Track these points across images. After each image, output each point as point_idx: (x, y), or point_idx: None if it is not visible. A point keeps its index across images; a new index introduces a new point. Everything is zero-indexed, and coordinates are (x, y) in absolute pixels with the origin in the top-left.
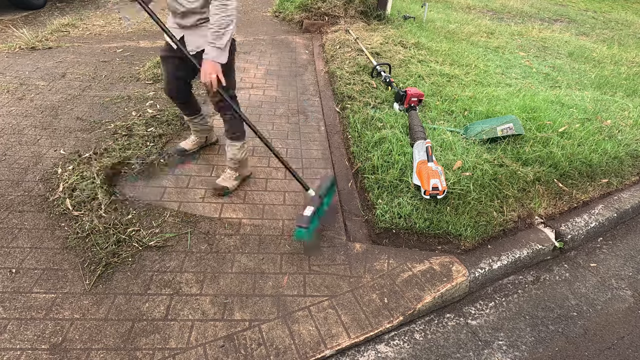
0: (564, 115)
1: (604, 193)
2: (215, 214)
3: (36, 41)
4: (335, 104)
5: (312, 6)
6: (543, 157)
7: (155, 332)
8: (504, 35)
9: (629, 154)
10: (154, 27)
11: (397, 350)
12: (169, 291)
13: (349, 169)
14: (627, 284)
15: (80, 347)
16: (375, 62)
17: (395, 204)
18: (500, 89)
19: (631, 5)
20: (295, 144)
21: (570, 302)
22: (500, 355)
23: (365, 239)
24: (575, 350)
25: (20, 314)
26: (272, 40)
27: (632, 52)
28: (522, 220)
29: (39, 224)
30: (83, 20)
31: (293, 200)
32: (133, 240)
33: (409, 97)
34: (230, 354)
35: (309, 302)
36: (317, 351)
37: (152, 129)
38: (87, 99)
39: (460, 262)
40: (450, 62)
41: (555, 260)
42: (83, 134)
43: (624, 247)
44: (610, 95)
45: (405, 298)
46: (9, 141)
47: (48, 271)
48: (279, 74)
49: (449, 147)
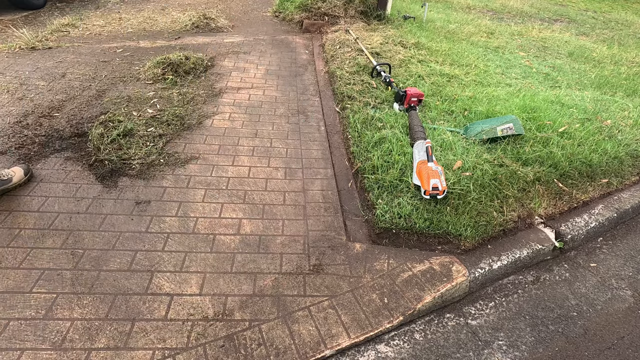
0: (564, 115)
1: (604, 193)
2: (215, 213)
3: (36, 41)
4: (335, 104)
5: (312, 6)
6: (543, 157)
7: (155, 331)
8: (504, 35)
9: (629, 154)
10: (153, 27)
11: (397, 350)
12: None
13: (349, 169)
14: (627, 284)
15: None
16: (375, 62)
17: (395, 204)
18: (500, 89)
19: (631, 5)
20: (295, 144)
21: (570, 302)
22: (500, 355)
23: (365, 239)
24: (575, 350)
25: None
26: (272, 40)
27: (632, 52)
28: (522, 220)
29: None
30: (83, 20)
31: (293, 200)
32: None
33: (408, 97)
34: (230, 354)
35: (309, 302)
36: (317, 351)
37: (152, 129)
38: (86, 99)
39: (460, 262)
40: (450, 62)
41: (555, 260)
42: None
43: (624, 247)
44: (610, 95)
45: (405, 298)
46: (9, 141)
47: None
48: (279, 74)
49: (449, 147)
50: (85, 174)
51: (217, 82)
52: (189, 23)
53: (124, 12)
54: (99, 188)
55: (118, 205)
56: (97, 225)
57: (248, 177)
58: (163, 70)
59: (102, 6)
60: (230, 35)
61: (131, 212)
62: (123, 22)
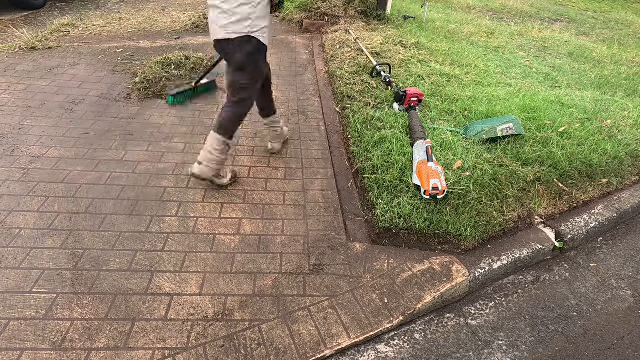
0: (564, 115)
1: (604, 193)
2: (215, 213)
3: (36, 41)
4: (335, 104)
5: (312, 6)
6: (543, 157)
7: (155, 331)
8: (504, 35)
9: (629, 154)
10: (153, 27)
11: (397, 350)
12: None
13: (349, 169)
14: (627, 284)
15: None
16: (375, 62)
17: (395, 204)
18: (500, 89)
19: (631, 5)
20: (295, 144)
21: (570, 302)
22: (500, 355)
23: (365, 239)
24: (575, 350)
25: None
26: (272, 40)
27: (632, 52)
28: (522, 220)
29: None
30: (83, 20)
31: (293, 200)
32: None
33: (408, 97)
34: (230, 354)
35: (309, 302)
36: (317, 351)
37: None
38: (87, 99)
39: (460, 262)
40: (450, 62)
41: (555, 260)
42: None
43: (624, 247)
44: (610, 95)
45: (405, 298)
46: (9, 142)
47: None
48: (279, 74)
49: (449, 147)
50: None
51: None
52: (189, 23)
53: (124, 12)
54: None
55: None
56: (97, 226)
57: (248, 177)
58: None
59: (102, 6)
60: None
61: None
62: (123, 22)
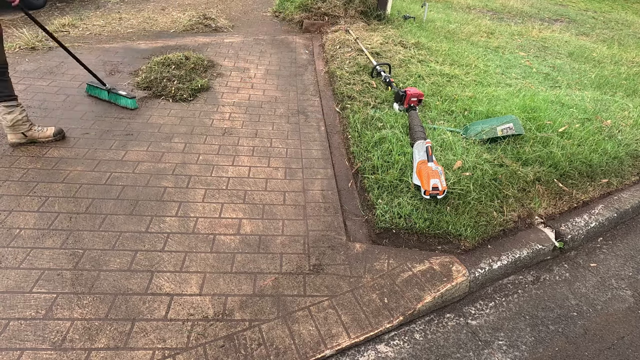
0: (564, 115)
1: (604, 193)
2: (215, 213)
3: (36, 41)
4: (335, 104)
5: (312, 6)
6: (543, 157)
7: (155, 331)
8: (504, 35)
9: (629, 154)
10: (153, 27)
11: (397, 350)
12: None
13: (349, 169)
14: (627, 284)
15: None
16: (375, 62)
17: (395, 204)
18: (500, 89)
19: (631, 5)
20: (295, 144)
21: (570, 302)
22: (500, 355)
23: (365, 239)
24: (575, 350)
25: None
26: (272, 40)
27: (632, 52)
28: (522, 220)
29: None
30: (83, 20)
31: (293, 200)
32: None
33: (408, 97)
34: (230, 354)
35: (309, 302)
36: (317, 351)
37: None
38: (86, 99)
39: (460, 262)
40: (450, 62)
41: (555, 260)
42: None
43: (624, 247)
44: (610, 95)
45: (405, 298)
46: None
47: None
48: (279, 74)
49: (449, 147)
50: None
51: (217, 82)
52: (188, 23)
53: (124, 12)
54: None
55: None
56: (96, 226)
57: (248, 177)
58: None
59: (102, 6)
60: (230, 35)
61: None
62: (123, 22)
